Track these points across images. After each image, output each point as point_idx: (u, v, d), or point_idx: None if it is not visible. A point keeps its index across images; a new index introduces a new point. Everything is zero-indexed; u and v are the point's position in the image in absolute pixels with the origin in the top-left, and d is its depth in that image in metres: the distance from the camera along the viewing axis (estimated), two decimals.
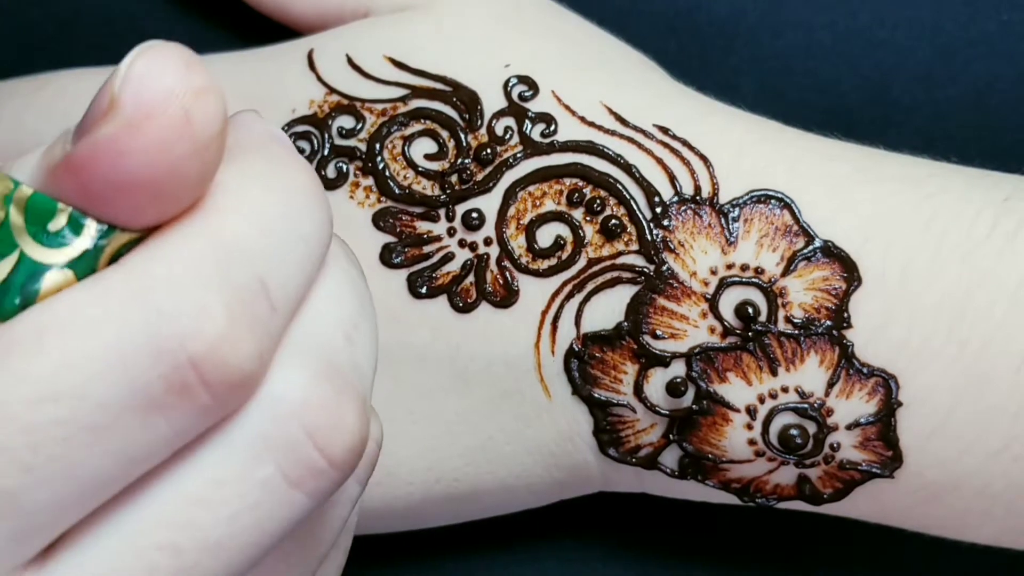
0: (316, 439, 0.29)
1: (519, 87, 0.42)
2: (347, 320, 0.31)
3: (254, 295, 0.28)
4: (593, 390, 0.40)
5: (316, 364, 0.29)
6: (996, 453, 0.38)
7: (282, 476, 0.28)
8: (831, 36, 0.47)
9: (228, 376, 0.27)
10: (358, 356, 0.31)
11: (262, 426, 0.28)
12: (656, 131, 0.41)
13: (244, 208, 0.28)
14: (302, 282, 0.29)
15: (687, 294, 0.39)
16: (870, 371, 0.38)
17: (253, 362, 0.27)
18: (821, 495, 0.40)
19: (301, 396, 0.28)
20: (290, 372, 0.29)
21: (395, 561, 0.48)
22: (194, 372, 0.27)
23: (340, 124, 0.42)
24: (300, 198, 0.30)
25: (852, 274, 0.38)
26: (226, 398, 0.27)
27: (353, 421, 0.29)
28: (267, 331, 0.28)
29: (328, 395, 0.29)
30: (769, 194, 0.39)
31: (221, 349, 0.27)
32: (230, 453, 0.28)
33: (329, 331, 0.30)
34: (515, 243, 0.41)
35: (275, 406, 0.28)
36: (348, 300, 0.31)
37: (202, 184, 0.28)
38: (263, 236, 0.28)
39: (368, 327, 0.32)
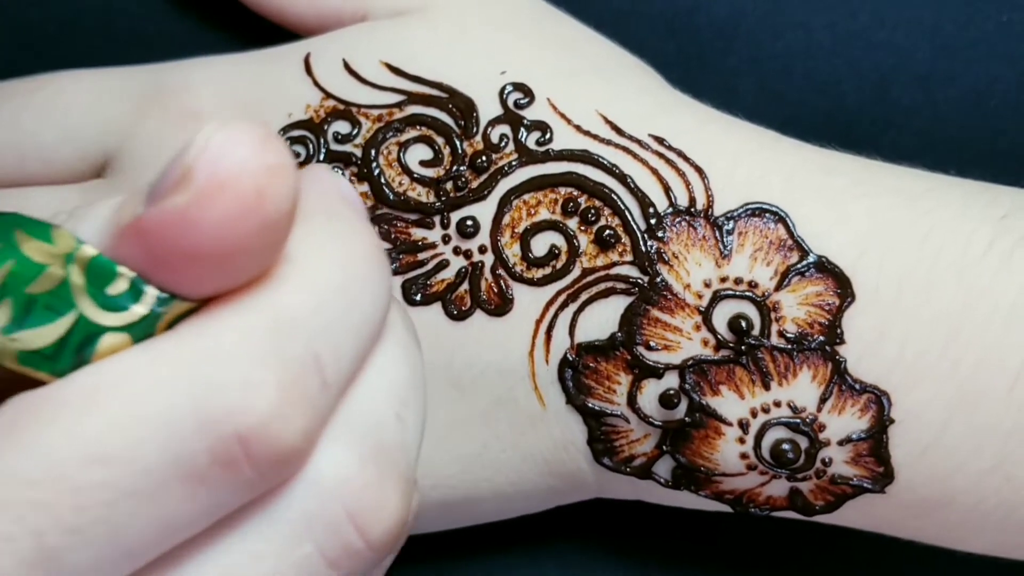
0: (357, 521, 0.28)
1: (515, 94, 0.41)
2: (399, 396, 0.30)
3: (307, 371, 0.27)
4: (587, 400, 0.40)
5: (364, 444, 0.29)
6: (988, 471, 0.38)
7: (320, 555, 0.28)
8: (831, 37, 0.47)
9: (274, 453, 0.27)
10: (407, 435, 0.30)
11: (305, 505, 0.28)
12: (652, 141, 0.41)
13: (304, 280, 0.28)
14: (357, 356, 0.29)
15: (681, 306, 0.39)
16: (863, 387, 0.38)
17: (300, 440, 0.27)
18: (813, 507, 0.40)
19: (346, 477, 0.28)
20: (338, 451, 0.29)
21: (394, 563, 0.48)
22: (240, 447, 0.26)
23: (336, 129, 0.42)
24: (362, 269, 0.29)
25: (846, 290, 0.38)
26: (270, 474, 0.27)
27: (396, 504, 0.29)
28: (317, 408, 0.28)
29: (374, 477, 0.29)
30: (764, 207, 0.39)
31: (269, 426, 0.26)
32: (271, 530, 0.28)
33: (380, 409, 0.30)
34: (510, 251, 0.41)
35: (320, 486, 0.28)
36: (402, 374, 0.31)
37: (267, 259, 0.28)
38: (321, 310, 0.28)
39: (418, 400, 0.31)
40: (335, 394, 0.28)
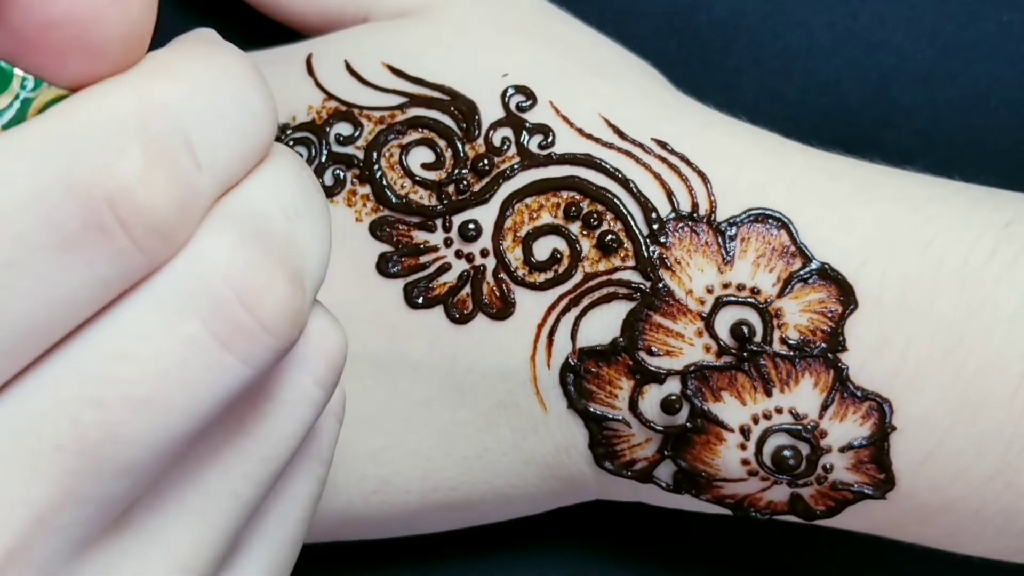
0: (243, 299, 0.28)
1: (517, 97, 0.41)
2: (289, 203, 0.30)
3: (176, 148, 0.27)
4: (588, 404, 0.40)
5: (246, 229, 0.29)
6: (989, 479, 0.38)
7: (209, 334, 0.28)
8: (831, 37, 0.47)
9: (145, 218, 0.27)
10: (298, 235, 0.30)
11: (186, 281, 0.28)
12: (654, 145, 0.40)
13: (175, 74, 0.28)
14: (236, 155, 0.29)
15: (683, 312, 0.39)
16: (864, 395, 0.38)
17: (172, 209, 0.27)
18: (814, 512, 0.40)
19: (229, 256, 0.28)
20: (217, 234, 0.28)
21: (394, 564, 0.48)
22: (110, 211, 0.26)
23: (338, 131, 0.42)
24: (238, 79, 0.29)
25: (848, 297, 0.38)
26: (146, 243, 0.27)
27: (284, 288, 0.29)
28: (189, 184, 0.27)
29: (257, 258, 0.28)
30: (767, 213, 0.39)
31: (137, 190, 0.26)
32: (154, 306, 0.28)
33: (266, 207, 0.30)
34: (512, 255, 0.41)
35: (200, 263, 0.28)
36: (292, 188, 0.31)
37: (128, 42, 0.28)
38: (192, 100, 0.28)
39: (316, 219, 0.31)
40: (212, 180, 0.28)
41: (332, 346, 0.32)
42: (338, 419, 0.35)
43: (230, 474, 0.31)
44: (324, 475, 0.35)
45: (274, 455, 0.32)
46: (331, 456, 0.36)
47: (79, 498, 0.27)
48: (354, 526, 0.43)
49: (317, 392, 0.32)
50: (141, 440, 0.28)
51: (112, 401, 0.27)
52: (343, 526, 0.43)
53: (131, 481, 0.28)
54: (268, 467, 0.32)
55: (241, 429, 0.31)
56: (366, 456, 0.42)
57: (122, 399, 0.27)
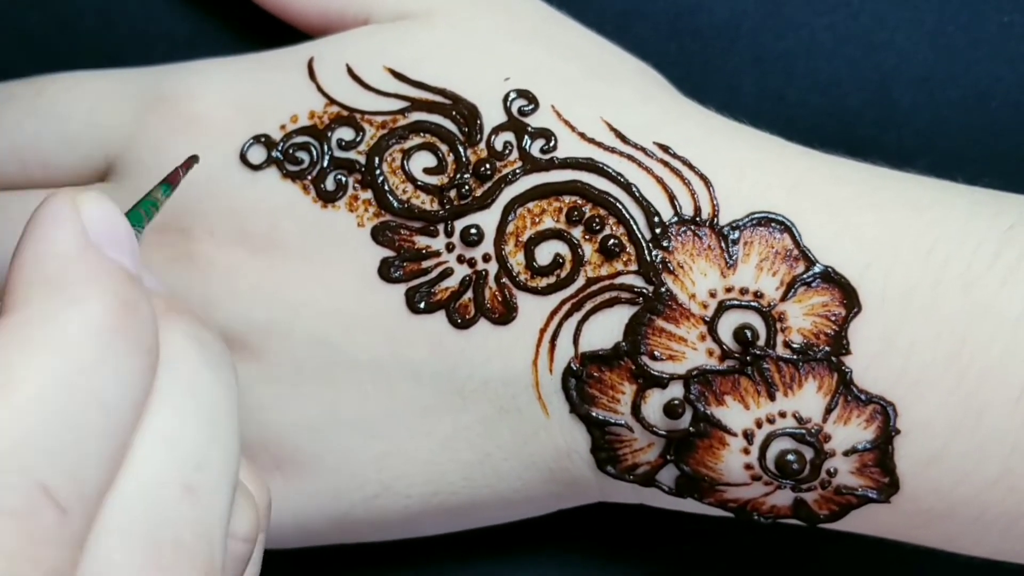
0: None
1: (519, 101, 0.41)
2: (187, 461, 0.27)
3: (33, 506, 0.24)
4: (591, 409, 0.40)
5: (139, 543, 0.26)
6: (992, 483, 0.38)
7: None
8: (832, 38, 0.47)
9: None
10: (202, 511, 0.27)
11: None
12: (657, 149, 0.40)
13: (11, 397, 0.25)
14: (107, 455, 0.26)
15: (686, 316, 0.39)
16: (868, 398, 0.38)
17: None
18: (817, 516, 0.40)
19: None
20: (106, 558, 0.26)
21: (394, 565, 0.48)
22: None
23: (340, 136, 0.42)
24: (94, 351, 0.26)
25: (852, 301, 0.38)
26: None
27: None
28: (59, 545, 0.24)
29: None
30: (770, 216, 0.39)
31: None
32: None
33: (159, 491, 0.27)
34: (514, 260, 0.40)
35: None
36: (189, 431, 0.28)
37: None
38: (40, 425, 0.24)
39: (219, 450, 0.28)
40: (84, 514, 0.25)
41: (245, 548, 0.31)
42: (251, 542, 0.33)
43: None
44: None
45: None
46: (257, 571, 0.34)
47: None
48: (355, 529, 0.43)
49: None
50: None
51: None
52: (344, 530, 0.43)
53: None
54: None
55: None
56: (367, 462, 0.42)
57: None
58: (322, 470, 0.42)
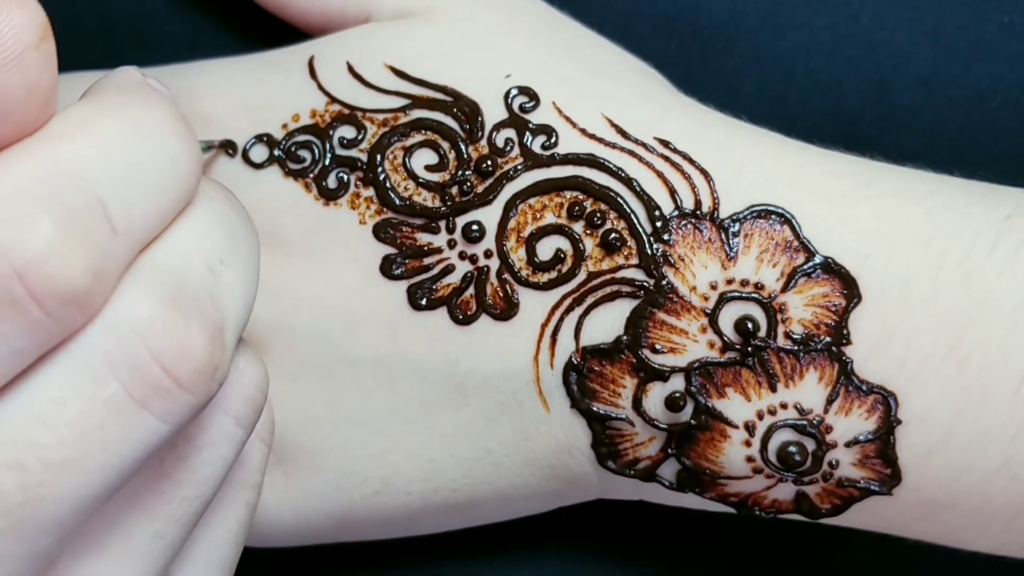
0: (161, 359, 0.28)
1: (520, 98, 0.42)
2: (211, 253, 0.31)
3: (90, 216, 0.27)
4: (592, 403, 0.40)
5: (164, 289, 0.29)
6: (994, 473, 0.38)
7: (127, 395, 0.28)
8: (832, 38, 0.47)
9: (58, 290, 0.27)
10: (220, 288, 0.30)
11: (104, 345, 0.28)
12: (657, 144, 0.41)
13: (86, 134, 0.28)
14: (154, 211, 0.29)
15: (687, 309, 0.39)
16: (869, 388, 0.38)
17: (86, 279, 0.27)
18: (819, 510, 0.40)
19: (146, 318, 0.28)
20: (135, 295, 0.29)
21: (394, 564, 0.48)
22: (21, 284, 0.26)
23: (341, 134, 0.42)
24: (154, 129, 0.30)
25: (852, 291, 0.38)
26: (60, 314, 0.27)
27: (202, 345, 0.29)
28: (105, 251, 0.28)
29: (174, 318, 0.29)
30: (769, 209, 0.39)
31: (48, 263, 0.27)
32: (71, 372, 0.28)
33: (187, 261, 0.30)
34: (515, 256, 0.41)
35: (117, 326, 0.28)
36: (216, 235, 0.31)
37: (29, 102, 0.28)
38: (105, 161, 0.28)
39: (241, 265, 0.31)
40: (128, 241, 0.29)
41: (251, 384, 0.33)
42: (266, 444, 0.36)
43: (152, 516, 0.32)
44: (254, 499, 0.36)
45: (195, 495, 0.32)
46: (260, 479, 0.36)
47: (3, 556, 0.28)
48: (356, 527, 0.43)
49: (237, 431, 0.33)
50: (61, 500, 0.28)
51: (31, 464, 0.28)
52: (345, 527, 0.43)
53: (53, 538, 0.29)
54: (190, 507, 0.32)
55: (161, 473, 0.32)
56: (368, 458, 0.42)
57: (41, 462, 0.28)
58: (323, 467, 0.42)
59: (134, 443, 0.29)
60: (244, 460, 0.36)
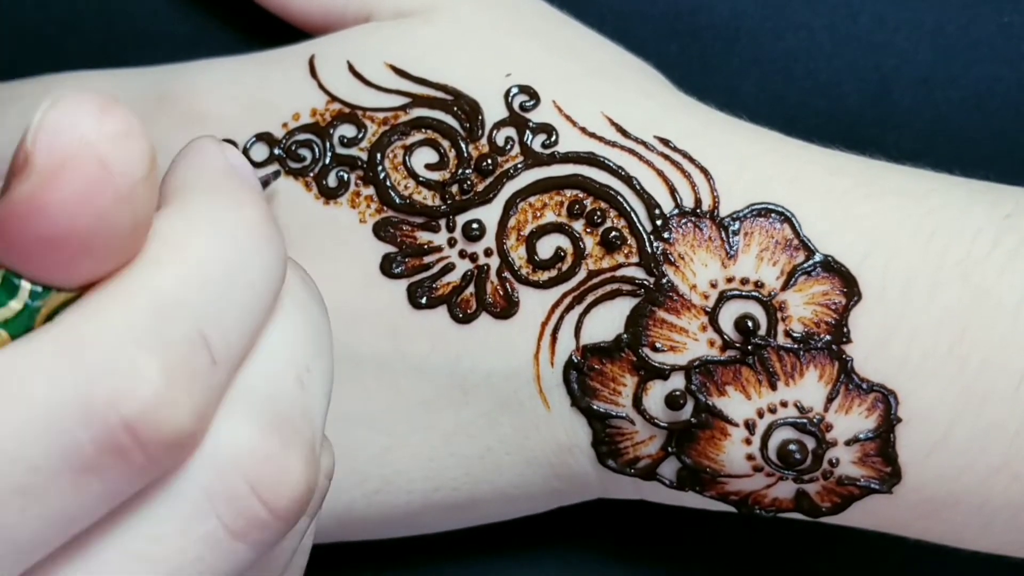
0: (260, 492, 0.28)
1: (520, 97, 0.42)
2: (300, 362, 0.30)
3: (193, 351, 0.27)
4: (592, 402, 0.40)
5: (263, 415, 0.29)
6: (995, 471, 0.38)
7: (224, 530, 0.28)
8: (832, 39, 0.47)
9: (164, 438, 0.26)
10: (309, 400, 0.30)
11: (204, 481, 0.28)
12: (657, 143, 0.41)
13: (183, 258, 0.27)
14: (249, 330, 0.29)
15: (687, 307, 0.39)
16: (869, 386, 0.38)
17: (191, 422, 0.27)
18: (819, 509, 0.40)
19: (246, 449, 0.28)
20: (234, 424, 0.28)
21: (394, 564, 0.48)
22: (128, 435, 0.26)
23: (342, 133, 0.42)
24: (248, 241, 0.29)
25: (852, 289, 0.38)
26: (163, 458, 0.27)
27: (299, 471, 0.29)
28: (207, 387, 0.27)
29: (274, 447, 0.28)
30: (769, 207, 0.39)
31: (156, 411, 0.26)
32: (172, 509, 0.28)
33: (279, 377, 0.29)
34: (515, 254, 0.41)
35: (218, 460, 0.28)
36: (302, 340, 0.30)
37: (136, 234, 0.27)
38: (203, 287, 0.27)
39: (323, 364, 0.31)
40: (227, 370, 0.28)
41: (324, 479, 0.33)
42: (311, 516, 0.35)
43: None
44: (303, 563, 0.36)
45: None
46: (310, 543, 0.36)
47: None
48: (356, 526, 0.43)
49: (307, 522, 0.33)
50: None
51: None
52: (345, 526, 0.43)
53: None
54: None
55: None
56: (369, 458, 0.42)
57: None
58: None
59: (226, 572, 0.29)
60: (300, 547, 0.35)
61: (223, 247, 0.28)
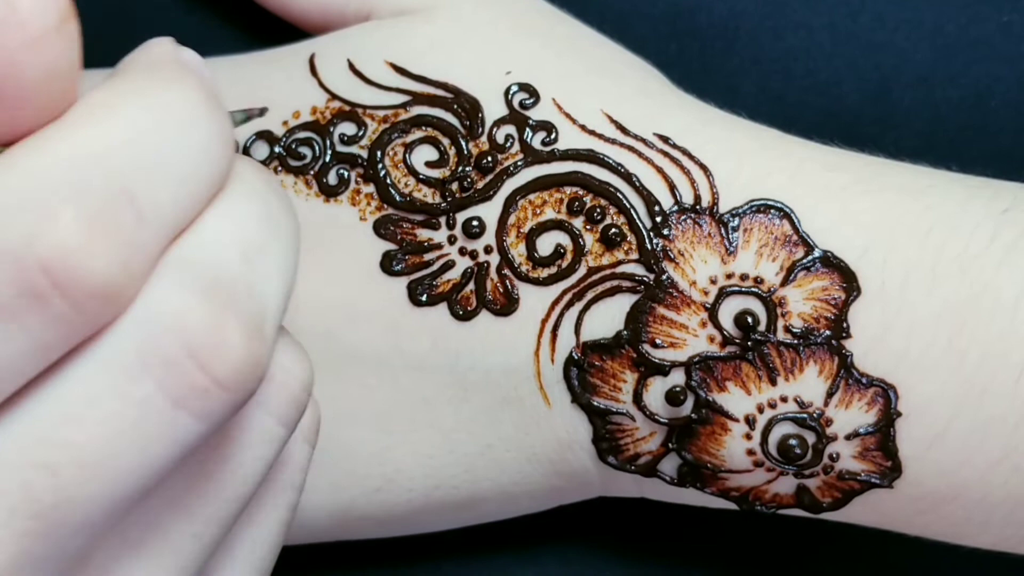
0: (197, 356, 0.28)
1: (520, 95, 0.42)
2: (248, 241, 0.30)
3: (114, 205, 0.27)
4: (592, 398, 0.40)
5: (198, 281, 0.28)
6: (995, 464, 0.38)
7: (162, 394, 0.28)
8: (831, 38, 0.47)
9: (84, 283, 0.26)
10: (256, 279, 0.29)
11: (136, 342, 0.27)
12: (657, 140, 0.41)
13: (110, 120, 0.27)
14: (183, 199, 0.28)
15: (687, 303, 0.39)
16: (869, 381, 0.38)
17: (113, 271, 0.27)
18: (820, 504, 0.40)
19: (179, 312, 0.28)
20: (167, 288, 0.28)
21: (395, 563, 0.48)
22: (45, 277, 0.26)
23: (342, 131, 0.42)
24: (183, 113, 0.28)
25: (851, 284, 0.38)
26: (87, 308, 0.27)
27: (239, 341, 0.28)
28: (132, 242, 0.27)
29: (210, 313, 0.28)
30: (769, 204, 0.39)
31: (73, 255, 0.26)
32: (102, 368, 0.27)
33: (220, 250, 0.29)
34: (515, 251, 0.41)
35: (150, 322, 0.27)
36: (251, 221, 0.30)
37: (51, 89, 0.27)
38: (128, 147, 0.27)
39: (278, 249, 0.30)
40: (157, 231, 0.28)
41: (295, 382, 0.32)
42: (309, 443, 0.36)
43: (191, 518, 0.31)
44: (295, 500, 0.36)
45: (235, 495, 0.32)
46: (303, 479, 0.36)
47: (35, 558, 0.27)
48: (356, 525, 0.43)
49: (279, 430, 0.32)
50: (93, 501, 0.27)
51: (62, 465, 0.27)
52: (345, 525, 0.43)
53: (85, 539, 0.28)
54: (229, 508, 0.32)
55: (201, 473, 0.31)
56: (369, 456, 0.42)
57: (72, 463, 0.27)
58: (323, 463, 0.42)
59: (169, 443, 0.28)
60: (286, 460, 0.35)
61: (153, 113, 0.28)
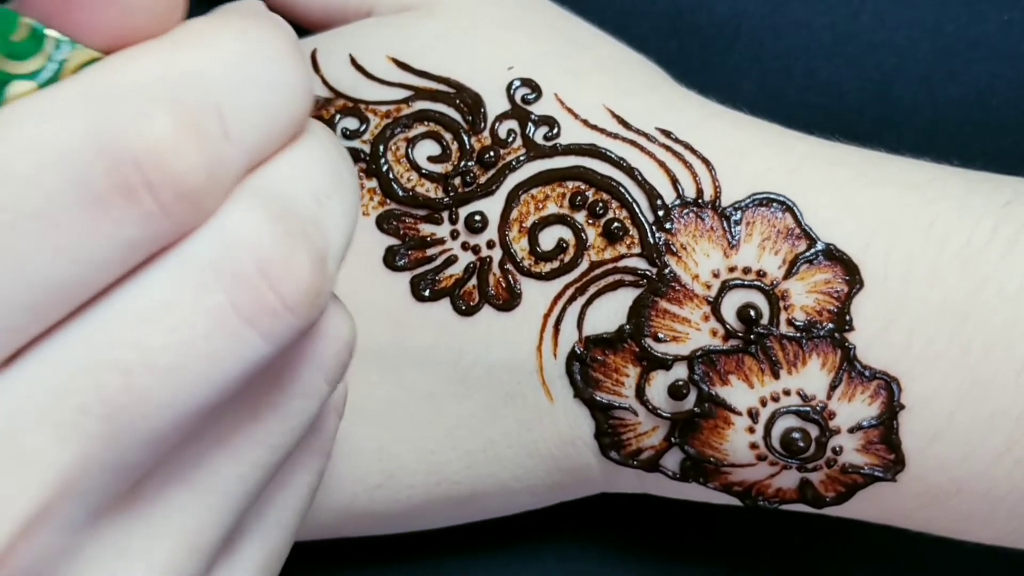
0: (268, 276, 0.28)
1: (522, 90, 0.42)
2: (318, 187, 0.30)
3: (205, 116, 0.28)
4: (595, 393, 0.40)
5: (273, 207, 0.29)
6: (999, 456, 0.38)
7: (233, 308, 0.28)
8: (832, 37, 0.47)
9: (171, 181, 0.27)
10: (324, 218, 0.30)
11: (211, 253, 0.28)
12: (659, 134, 0.41)
13: (207, 44, 0.28)
14: (266, 129, 0.29)
15: (689, 297, 0.39)
16: (872, 374, 0.38)
17: (199, 175, 0.27)
18: (823, 499, 0.40)
19: (254, 232, 0.28)
20: (245, 209, 0.28)
21: (395, 561, 0.48)
22: (137, 173, 0.26)
23: (344, 126, 0.42)
24: (274, 53, 0.29)
25: (854, 277, 0.38)
26: (173, 208, 0.27)
27: (308, 269, 0.29)
28: (217, 152, 0.28)
29: (282, 237, 0.28)
30: (771, 197, 0.39)
31: (164, 153, 0.27)
32: (178, 275, 0.28)
33: (294, 186, 0.30)
34: (518, 246, 0.41)
35: (226, 235, 0.28)
36: (322, 169, 0.31)
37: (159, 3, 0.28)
38: (223, 70, 0.28)
39: (344, 198, 0.31)
40: (241, 152, 0.28)
41: (343, 343, 0.33)
42: (338, 414, 0.36)
43: (239, 458, 0.31)
44: (323, 468, 0.36)
45: (281, 443, 0.32)
46: (330, 450, 0.36)
47: (101, 463, 0.28)
48: (357, 522, 0.43)
49: (324, 387, 0.33)
50: (162, 408, 0.28)
51: (137, 367, 0.27)
52: (346, 522, 0.43)
53: (150, 450, 0.28)
54: (274, 455, 0.32)
55: (253, 415, 0.31)
56: (371, 452, 0.42)
57: (146, 366, 0.27)
58: None
59: (237, 359, 0.28)
60: (319, 427, 0.35)
61: (249, 46, 0.29)
